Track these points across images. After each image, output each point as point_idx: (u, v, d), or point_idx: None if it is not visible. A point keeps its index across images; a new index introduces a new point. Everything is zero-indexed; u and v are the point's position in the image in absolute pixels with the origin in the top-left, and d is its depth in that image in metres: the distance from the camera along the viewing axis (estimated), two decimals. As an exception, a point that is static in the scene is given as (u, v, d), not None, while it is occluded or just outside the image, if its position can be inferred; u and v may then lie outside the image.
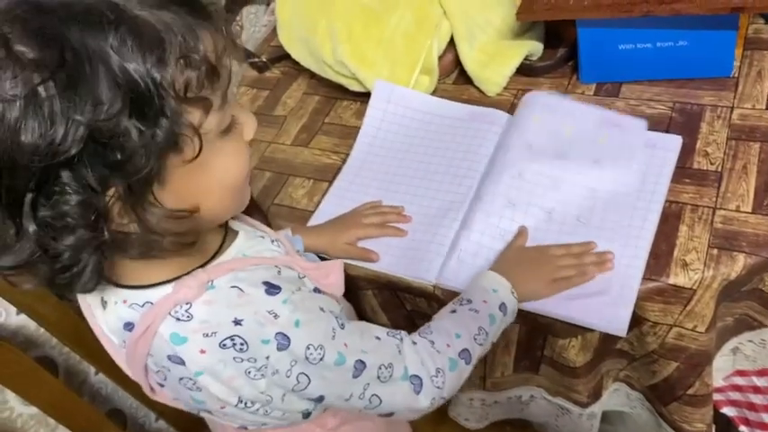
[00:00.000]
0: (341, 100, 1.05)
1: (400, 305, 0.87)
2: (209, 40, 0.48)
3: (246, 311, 0.53)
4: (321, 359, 0.56)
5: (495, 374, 0.88)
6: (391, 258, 0.82)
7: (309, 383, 0.56)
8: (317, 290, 0.62)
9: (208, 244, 0.58)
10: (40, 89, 0.41)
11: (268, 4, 1.28)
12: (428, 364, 0.62)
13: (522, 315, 0.76)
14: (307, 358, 0.55)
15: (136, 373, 0.58)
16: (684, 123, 0.84)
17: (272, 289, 0.55)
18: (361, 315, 0.92)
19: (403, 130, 0.95)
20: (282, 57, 1.12)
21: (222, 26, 0.50)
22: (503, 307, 0.70)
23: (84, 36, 0.43)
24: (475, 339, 0.67)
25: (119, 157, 0.44)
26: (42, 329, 0.89)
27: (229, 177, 0.53)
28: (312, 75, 1.06)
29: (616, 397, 0.91)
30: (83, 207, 0.44)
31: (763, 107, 0.83)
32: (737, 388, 0.96)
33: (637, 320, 0.73)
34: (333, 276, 0.63)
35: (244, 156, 0.54)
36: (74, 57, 0.42)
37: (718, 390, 0.95)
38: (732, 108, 0.84)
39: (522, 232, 0.79)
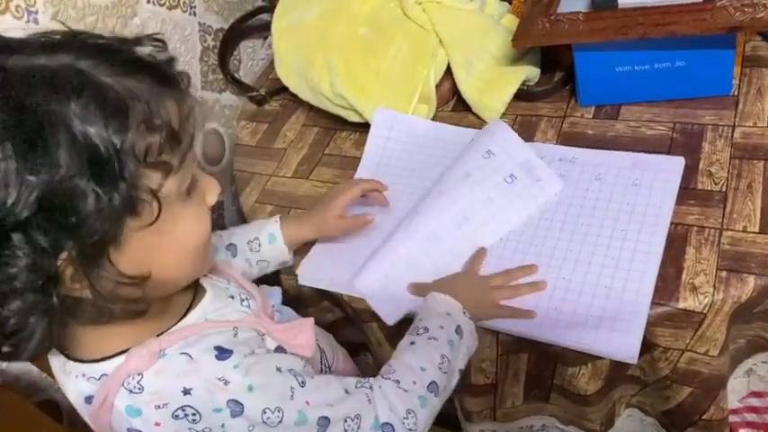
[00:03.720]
0: (340, 131, 1.04)
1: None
2: (173, 107, 0.49)
3: (195, 380, 0.52)
4: (280, 421, 0.54)
5: (506, 405, 0.86)
6: (395, 289, 0.81)
7: None
8: (279, 348, 0.60)
9: (172, 309, 0.57)
10: None
11: (265, 39, 1.29)
12: (398, 408, 0.61)
13: (531, 344, 0.75)
14: (264, 422, 0.54)
15: None
16: (686, 144, 0.84)
17: (222, 354, 0.54)
18: (367, 348, 0.91)
19: (406, 156, 0.95)
20: (281, 90, 1.12)
21: (186, 95, 0.51)
22: (459, 330, 0.69)
23: (48, 100, 0.43)
24: (440, 368, 0.65)
25: (73, 220, 0.44)
26: (45, 374, 0.88)
27: (189, 242, 0.53)
28: (311, 107, 1.06)
29: (630, 423, 0.89)
30: (32, 270, 0.44)
31: (765, 125, 0.82)
32: (753, 409, 0.94)
33: (647, 346, 0.72)
34: (301, 337, 0.62)
35: (204, 220, 0.54)
36: (33, 120, 0.42)
37: (734, 411, 0.93)
38: (733, 126, 0.83)
39: (478, 256, 0.79)
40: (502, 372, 0.82)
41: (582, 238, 0.78)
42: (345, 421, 0.58)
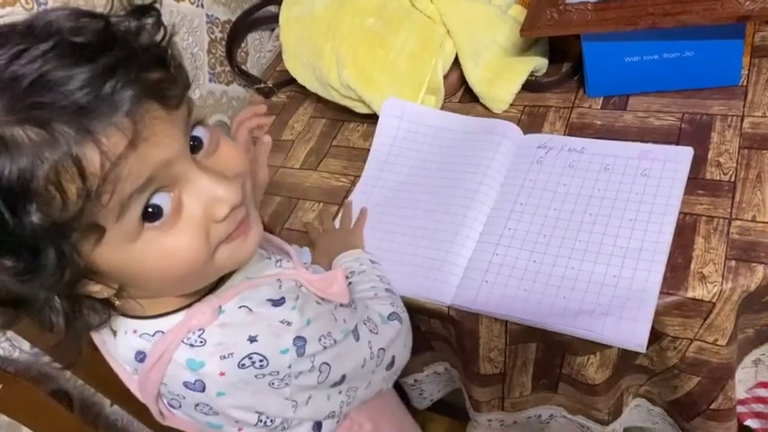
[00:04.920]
0: (348, 122, 1.05)
1: (415, 327, 0.86)
2: (94, 157, 0.40)
3: (259, 327, 0.54)
4: (334, 342, 0.58)
5: (514, 394, 0.87)
6: (404, 279, 0.81)
7: (331, 369, 0.58)
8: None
9: None
10: None
11: (272, 30, 1.29)
12: (387, 299, 0.71)
13: (539, 333, 0.75)
14: (324, 348, 0.57)
15: (147, 399, 0.59)
16: (694, 134, 0.83)
17: (277, 302, 0.56)
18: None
19: (416, 146, 0.95)
20: (288, 81, 1.12)
21: (137, 110, 0.41)
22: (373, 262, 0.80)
23: None
24: (383, 282, 0.75)
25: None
26: (56, 363, 0.88)
27: (169, 269, 0.48)
28: (318, 98, 1.06)
29: (637, 413, 0.90)
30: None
31: (774, 115, 0.82)
32: (761, 400, 0.94)
33: (656, 335, 0.72)
34: (335, 286, 0.64)
35: (185, 243, 0.47)
36: None
37: (742, 402, 0.93)
38: (742, 117, 0.83)
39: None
40: (510, 361, 0.82)
41: (590, 227, 0.78)
42: (365, 324, 0.64)
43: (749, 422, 0.96)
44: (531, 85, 0.96)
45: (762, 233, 0.72)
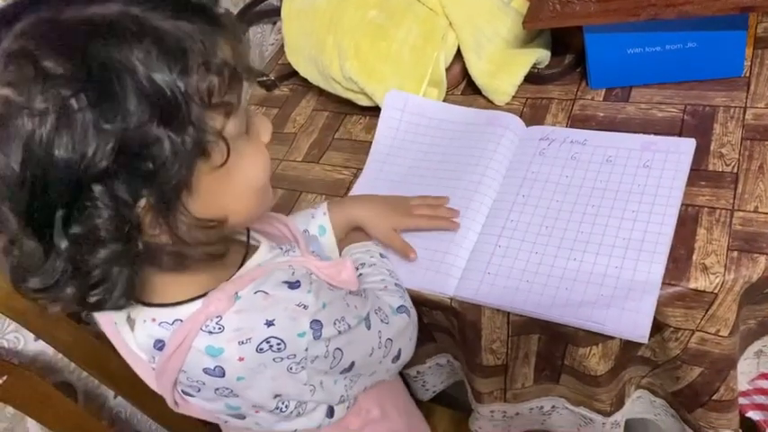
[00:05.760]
0: (350, 115, 1.05)
1: (418, 319, 0.87)
2: (226, 46, 0.49)
3: (276, 310, 0.55)
4: (348, 327, 0.59)
5: (516, 386, 0.87)
6: (407, 270, 0.81)
7: (343, 355, 0.59)
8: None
9: (231, 258, 0.59)
10: (71, 102, 0.42)
11: (275, 24, 1.29)
12: (396, 293, 0.72)
13: (541, 324, 0.75)
14: (339, 332, 0.58)
15: (163, 387, 0.59)
16: (697, 125, 0.83)
17: (293, 285, 0.57)
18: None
19: (419, 138, 0.95)
20: (290, 75, 1.12)
21: (236, 33, 0.51)
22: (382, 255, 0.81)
23: (110, 49, 0.43)
24: (392, 277, 0.76)
25: (150, 166, 0.44)
26: (60, 355, 0.89)
27: (254, 178, 0.54)
28: (320, 91, 1.06)
29: (639, 404, 0.90)
30: (115, 220, 0.45)
31: (777, 106, 0.82)
32: (763, 391, 0.95)
33: (658, 326, 0.72)
34: (344, 273, 0.64)
35: (264, 156, 0.56)
36: (101, 70, 0.43)
37: (744, 394, 0.94)
38: (745, 108, 0.83)
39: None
40: (512, 353, 0.82)
41: (593, 219, 0.78)
42: (376, 314, 0.65)
43: (751, 414, 0.96)
44: (533, 78, 0.96)
45: (764, 224, 0.72)
